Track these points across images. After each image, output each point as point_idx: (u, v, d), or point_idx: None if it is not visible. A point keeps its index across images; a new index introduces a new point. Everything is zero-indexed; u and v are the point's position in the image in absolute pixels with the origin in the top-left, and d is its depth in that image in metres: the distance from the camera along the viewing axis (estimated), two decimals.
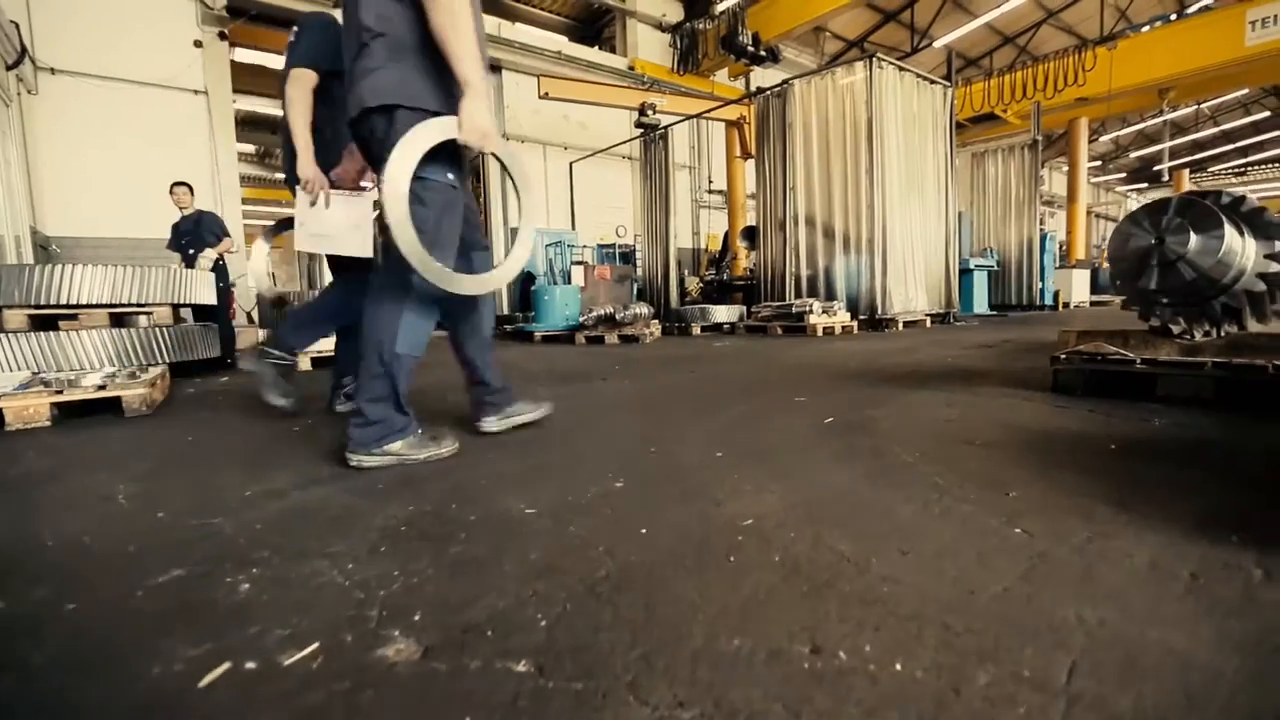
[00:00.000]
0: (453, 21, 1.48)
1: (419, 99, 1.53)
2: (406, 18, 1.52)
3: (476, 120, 1.52)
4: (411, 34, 1.53)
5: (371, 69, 1.53)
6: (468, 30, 1.50)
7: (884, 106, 6.81)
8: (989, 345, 4.42)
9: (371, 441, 1.64)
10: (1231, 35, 10.27)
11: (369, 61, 1.54)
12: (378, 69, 1.53)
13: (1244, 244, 1.98)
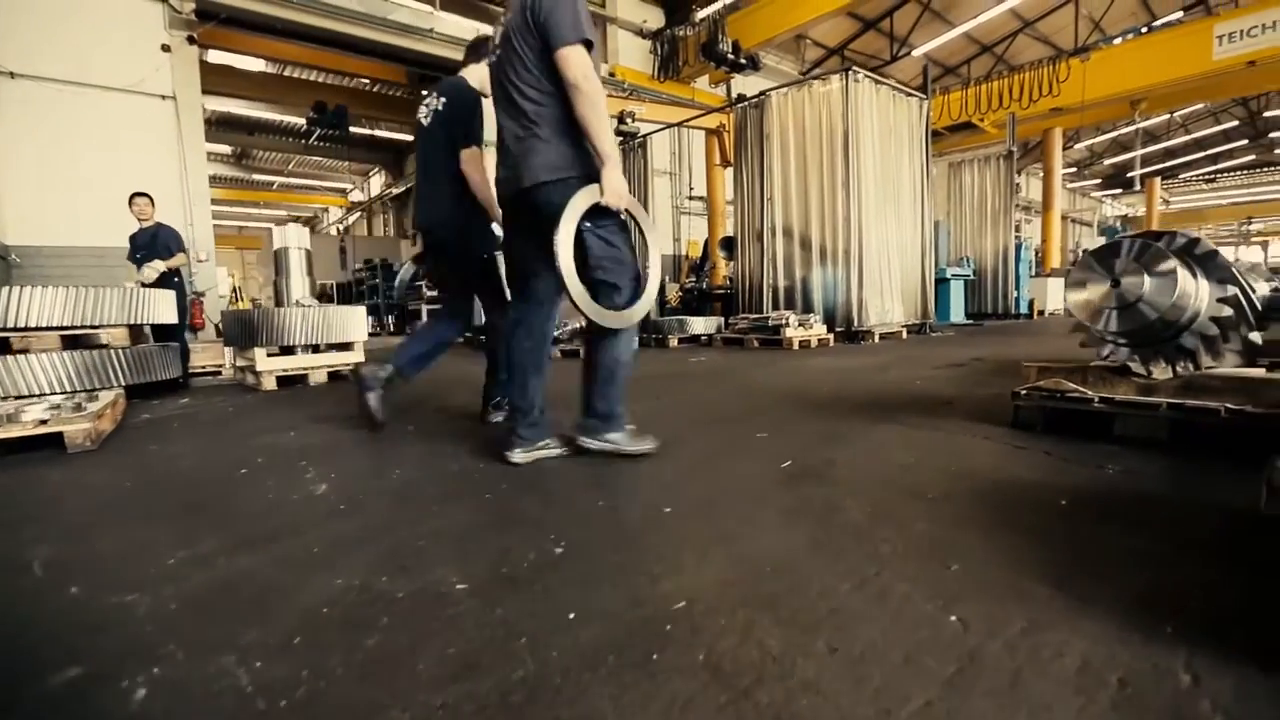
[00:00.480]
0: (594, 111, 1.87)
1: (574, 168, 1.93)
2: (557, 105, 1.92)
3: (614, 186, 1.90)
4: (562, 117, 1.92)
5: (538, 149, 1.93)
6: (605, 115, 1.91)
7: (860, 118, 6.84)
8: (959, 364, 4.44)
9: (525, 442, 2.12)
10: (1199, 49, 10.46)
11: (534, 143, 1.94)
12: (543, 149, 1.93)
13: (1197, 286, 1.99)
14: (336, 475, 2.06)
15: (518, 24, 1.92)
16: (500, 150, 2.08)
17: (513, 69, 1.95)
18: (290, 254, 4.94)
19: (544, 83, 1.92)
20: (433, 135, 2.66)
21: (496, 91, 2.06)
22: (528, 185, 1.94)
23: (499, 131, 2.08)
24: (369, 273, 15.74)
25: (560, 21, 1.84)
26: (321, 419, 3.20)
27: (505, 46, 1.98)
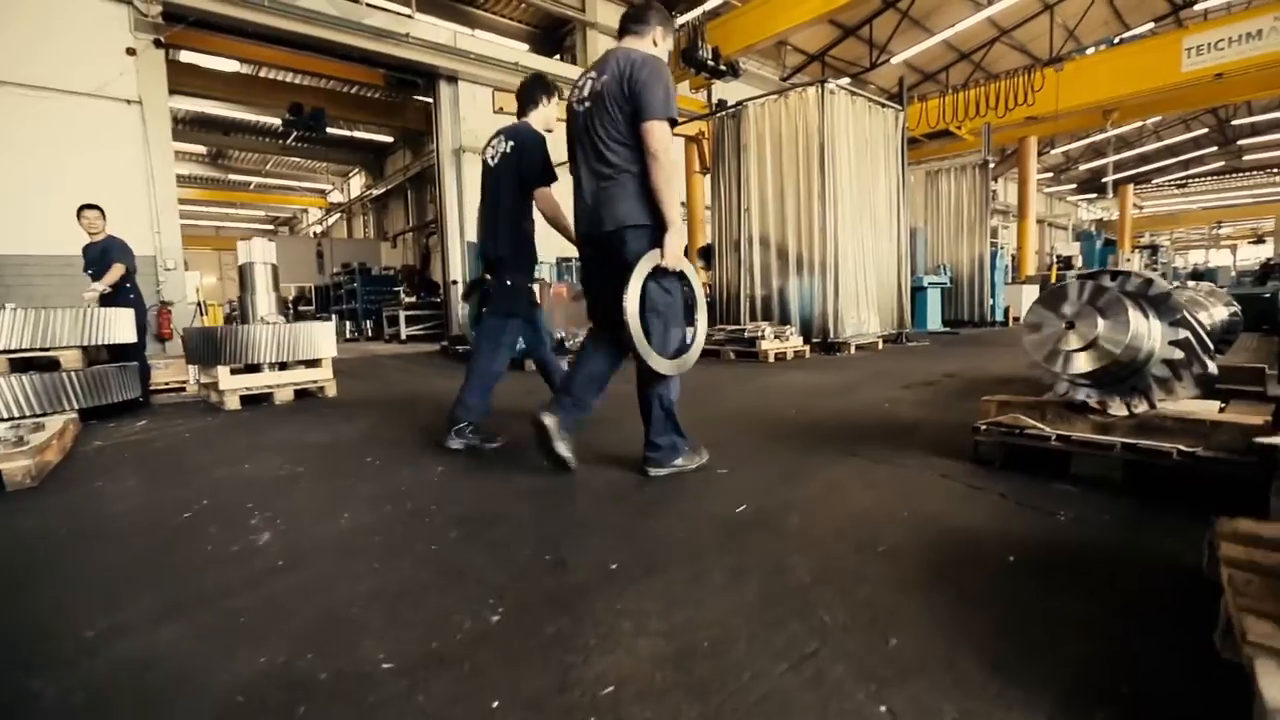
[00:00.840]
0: (667, 182, 2.16)
1: (648, 219, 2.20)
2: (637, 165, 2.18)
3: (673, 250, 2.18)
4: (641, 176, 2.19)
5: (618, 198, 2.20)
6: (676, 185, 2.19)
7: (836, 129, 6.86)
8: (929, 382, 4.46)
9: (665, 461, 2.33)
10: (1169, 61, 10.65)
11: (616, 192, 2.21)
12: (623, 199, 2.20)
13: (1149, 326, 2.00)
14: (283, 520, 2.00)
15: (614, 90, 2.16)
16: (577, 189, 2.37)
17: (602, 126, 2.20)
18: (255, 269, 4.81)
19: (629, 144, 2.19)
20: (502, 176, 2.92)
21: (583, 139, 2.29)
22: (609, 229, 2.22)
23: (579, 171, 2.36)
24: (347, 276, 15.53)
25: (652, 98, 2.11)
26: (280, 446, 3.13)
27: (597, 104, 2.21)
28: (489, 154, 3.00)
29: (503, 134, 2.97)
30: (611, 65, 2.20)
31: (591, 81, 2.26)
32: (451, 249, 10.51)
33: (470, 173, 10.57)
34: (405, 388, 5.49)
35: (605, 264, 2.29)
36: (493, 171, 2.96)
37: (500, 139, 2.96)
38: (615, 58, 2.22)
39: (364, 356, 9.06)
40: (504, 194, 2.93)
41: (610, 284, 2.23)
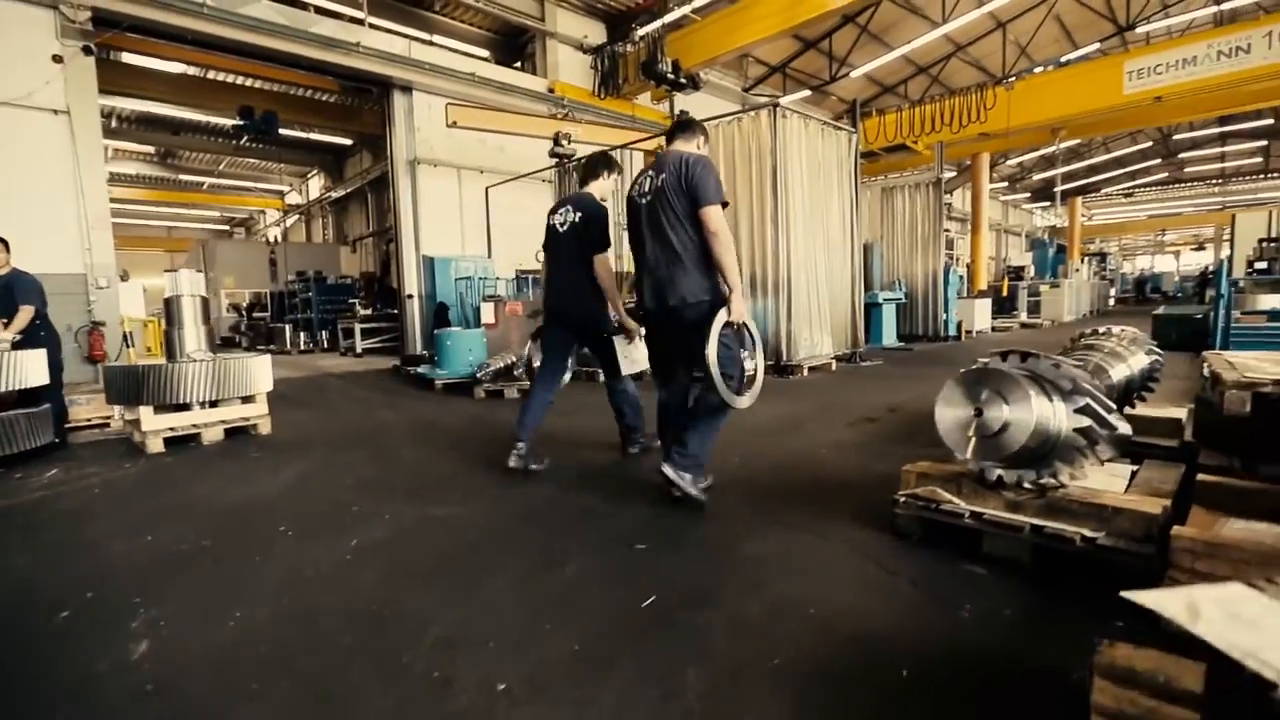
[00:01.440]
0: (727, 254, 2.56)
1: (708, 294, 2.62)
2: (697, 247, 2.61)
3: (738, 308, 2.56)
4: (700, 255, 2.61)
5: (682, 276, 2.62)
6: (734, 255, 2.60)
7: (788, 152, 6.89)
8: (873, 419, 4.49)
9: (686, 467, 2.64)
10: (1112, 84, 11.01)
11: (679, 271, 2.63)
12: (685, 277, 2.62)
13: (1054, 407, 2.01)
14: (168, 622, 1.88)
15: (674, 185, 2.62)
16: (640, 265, 2.81)
17: (665, 215, 2.64)
18: (183, 302, 4.60)
19: (690, 229, 2.61)
20: (567, 240, 3.36)
21: (649, 223, 2.72)
22: (674, 304, 2.65)
23: (642, 250, 2.79)
24: (302, 285, 15.08)
25: (707, 189, 2.57)
26: (191, 508, 2.98)
27: (659, 197, 2.67)
28: (557, 220, 3.43)
29: (570, 204, 3.41)
30: (669, 165, 2.67)
31: (651, 179, 2.74)
32: (407, 263, 10.27)
33: (426, 184, 10.37)
34: (346, 421, 5.32)
35: (671, 330, 2.75)
36: (560, 236, 3.40)
37: (568, 208, 3.38)
38: (671, 160, 2.69)
39: (312, 376, 8.80)
40: (570, 256, 3.38)
41: (675, 346, 2.80)
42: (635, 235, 2.83)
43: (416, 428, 4.85)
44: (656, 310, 2.74)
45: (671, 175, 2.63)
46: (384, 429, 4.84)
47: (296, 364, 10.97)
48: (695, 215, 2.58)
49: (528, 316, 9.02)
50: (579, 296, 3.37)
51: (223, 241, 21.92)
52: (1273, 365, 2.90)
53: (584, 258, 3.30)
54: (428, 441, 4.37)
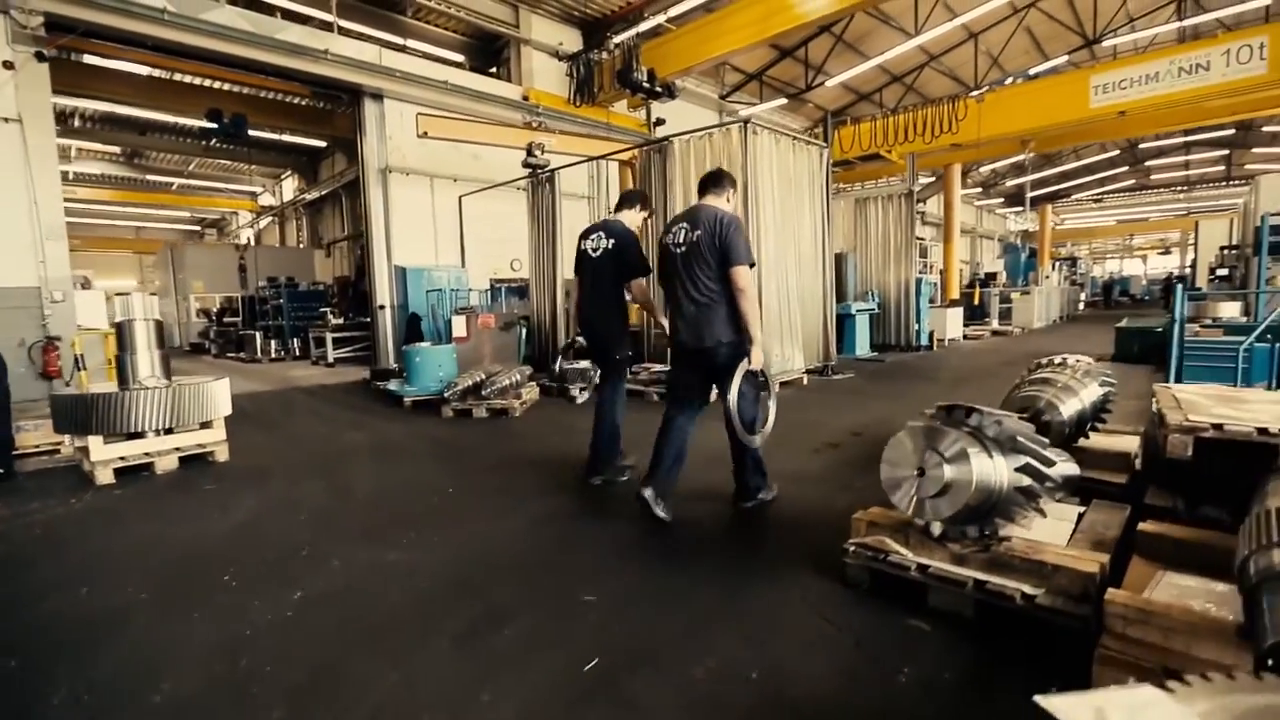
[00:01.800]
0: (751, 308, 2.86)
1: (735, 335, 2.91)
2: (724, 296, 2.90)
3: (756, 358, 2.88)
4: (727, 304, 2.90)
5: (712, 320, 2.92)
6: (757, 310, 2.90)
7: (759, 167, 6.89)
8: (836, 444, 4.52)
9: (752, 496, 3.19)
10: (1079, 98, 11.23)
11: (710, 315, 2.93)
12: (715, 321, 2.92)
13: (995, 464, 2.03)
14: (92, 696, 1.81)
15: (707, 241, 2.90)
16: (673, 306, 3.12)
17: (699, 266, 2.93)
18: (135, 327, 4.48)
19: (719, 282, 2.91)
20: (602, 265, 3.58)
21: (681, 272, 3.00)
22: (708, 344, 2.95)
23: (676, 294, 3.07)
24: (273, 291, 14.80)
25: (738, 250, 2.87)
26: (134, 552, 2.89)
27: (693, 250, 2.94)
28: (589, 245, 3.65)
29: (601, 230, 3.64)
30: (704, 222, 2.94)
31: (685, 231, 3.02)
32: (379, 272, 10.12)
33: (398, 192, 10.23)
34: (308, 445, 5.22)
35: (699, 365, 3.07)
36: (593, 261, 3.61)
37: (600, 235, 3.62)
38: (705, 216, 2.96)
39: (280, 390, 8.63)
40: (604, 281, 3.60)
41: (698, 378, 3.14)
42: (666, 277, 3.13)
43: (380, 453, 4.77)
44: (689, 347, 3.06)
45: (706, 233, 2.91)
46: (346, 454, 4.75)
47: (266, 375, 10.76)
48: (725, 271, 2.87)
49: (500, 329, 8.97)
50: (607, 316, 3.68)
51: (191, 245, 21.42)
52: (1218, 404, 2.96)
53: (617, 281, 3.58)
54: (389, 469, 4.30)
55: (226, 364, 13.45)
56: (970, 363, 9.30)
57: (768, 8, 9.57)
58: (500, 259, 11.61)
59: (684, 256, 2.99)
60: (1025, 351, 10.37)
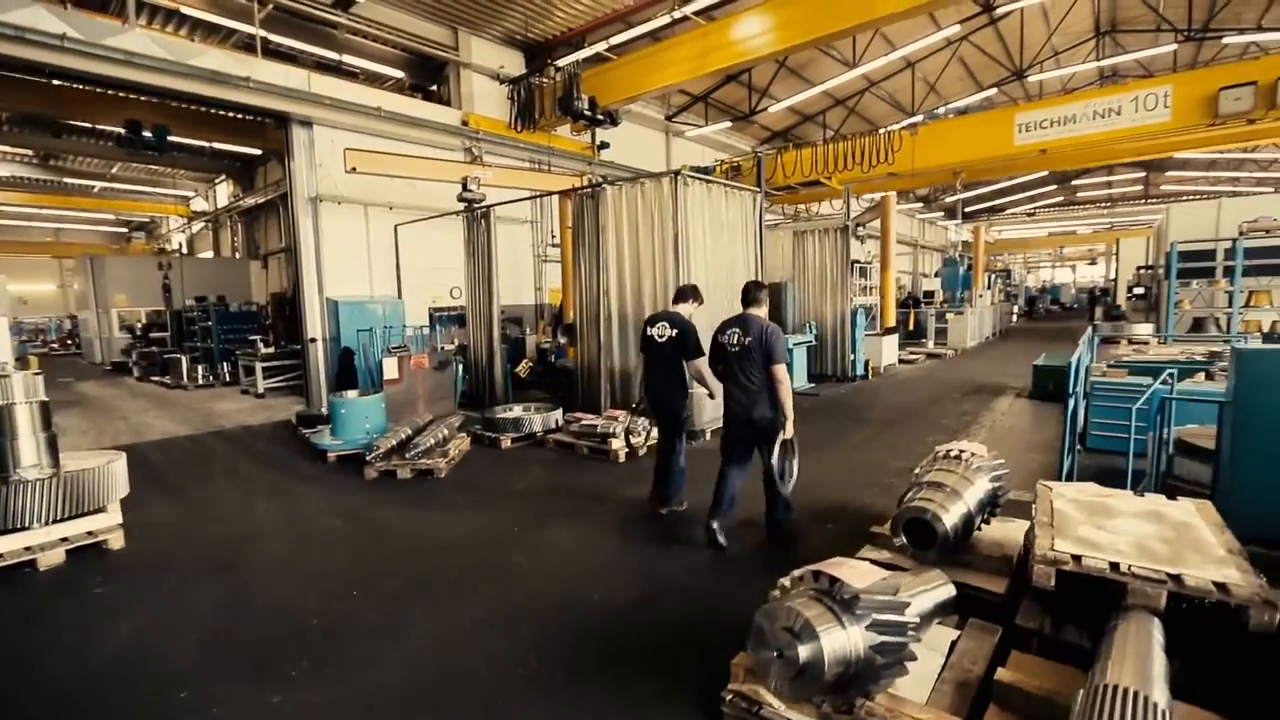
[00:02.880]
0: (786, 394, 3.86)
1: (774, 413, 3.92)
2: (768, 384, 3.90)
3: (789, 431, 3.87)
4: (769, 389, 3.91)
5: (759, 402, 3.93)
6: (791, 395, 3.89)
7: (691, 216, 6.95)
8: (756, 523, 4.59)
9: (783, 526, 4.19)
10: (1004, 135, 11.70)
11: (758, 400, 3.94)
12: (761, 402, 3.93)
13: (848, 632, 2.10)
14: None
15: (755, 345, 3.94)
16: (727, 389, 4.16)
17: (749, 362, 3.97)
18: (16, 412, 4.20)
19: (762, 373, 3.94)
20: (667, 349, 4.60)
21: (735, 364, 4.03)
22: (755, 418, 3.99)
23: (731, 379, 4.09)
24: (201, 312, 14.13)
25: (778, 352, 3.91)
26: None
27: (745, 350, 3.98)
28: (655, 332, 4.67)
29: (665, 320, 4.66)
30: (753, 330, 3.99)
31: (738, 335, 4.04)
32: (310, 305, 9.77)
33: (330, 221, 9.89)
34: (218, 519, 5.00)
35: (746, 431, 4.09)
36: (659, 345, 4.65)
37: (665, 324, 4.64)
38: (753, 325, 4.02)
39: (201, 431, 8.26)
40: (669, 361, 4.63)
41: (746, 442, 4.14)
42: (721, 365, 4.19)
43: (291, 533, 4.62)
44: (739, 419, 4.10)
45: (755, 339, 3.96)
46: (254, 537, 4.57)
47: (190, 407, 10.29)
48: (768, 367, 3.91)
49: (434, 368, 8.80)
50: (671, 390, 4.70)
51: (112, 258, 20.15)
52: (1088, 518, 3.14)
53: (678, 361, 4.60)
54: (296, 559, 4.16)
55: (149, 390, 12.79)
56: (900, 397, 9.59)
57: (705, 44, 9.65)
58: (439, 286, 11.39)
59: (738, 355, 4.02)
60: (956, 380, 10.80)
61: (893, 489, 5.11)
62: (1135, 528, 3.00)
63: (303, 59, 12.34)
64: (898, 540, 3.32)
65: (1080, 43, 16.48)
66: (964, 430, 7.17)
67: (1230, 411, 4.08)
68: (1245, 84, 9.70)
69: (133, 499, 4.66)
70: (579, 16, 11.38)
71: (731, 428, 4.19)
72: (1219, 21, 14.22)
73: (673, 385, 4.67)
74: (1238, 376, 4.00)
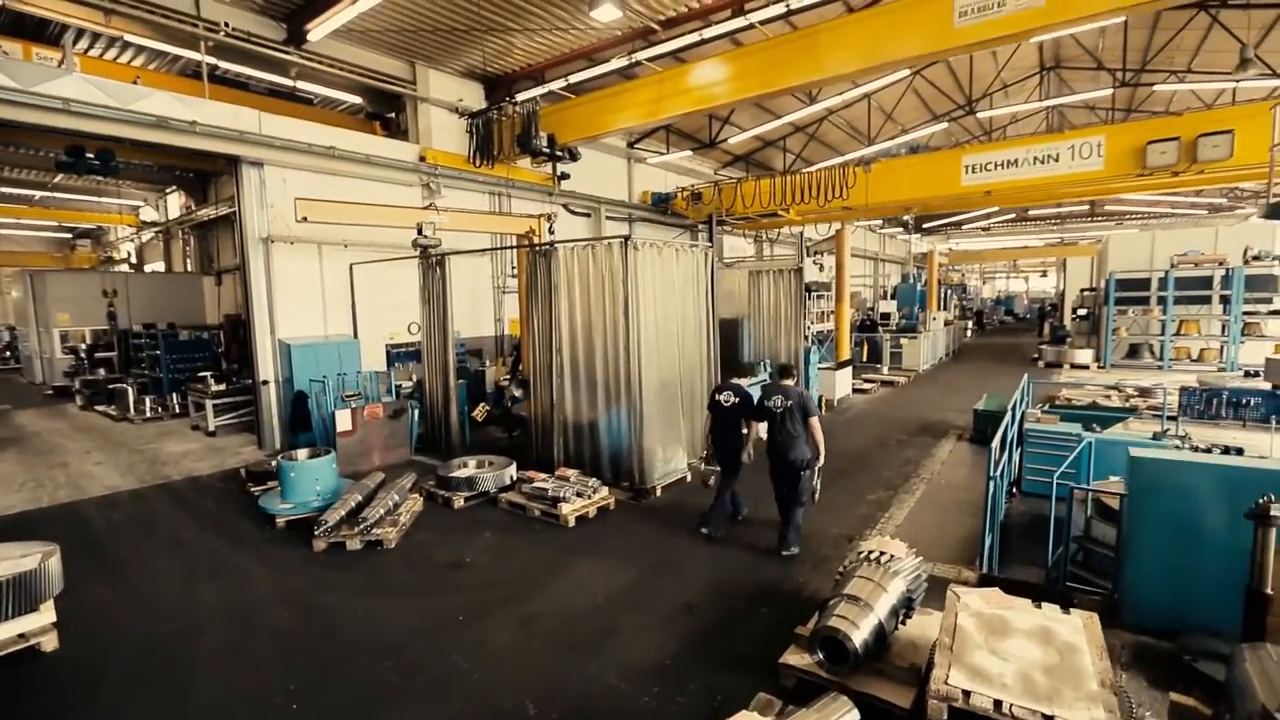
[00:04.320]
0: (819, 437, 5.61)
1: (810, 455, 5.60)
2: (805, 434, 5.57)
3: (818, 466, 5.76)
4: (807, 437, 5.58)
5: (799, 448, 5.54)
6: (822, 440, 5.64)
7: (641, 277, 7.07)
8: (693, 606, 4.75)
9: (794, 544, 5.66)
10: (952, 175, 12.17)
11: (798, 444, 5.55)
12: (801, 448, 5.54)
13: None
14: None
15: (795, 406, 5.55)
16: (772, 438, 5.69)
17: (791, 419, 5.54)
18: None
19: (801, 426, 5.53)
20: (733, 411, 6.08)
21: (781, 422, 5.58)
22: (794, 460, 5.51)
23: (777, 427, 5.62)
24: (149, 339, 13.75)
25: (811, 408, 5.63)
26: None
27: (789, 411, 5.55)
28: (723, 398, 6.16)
29: (731, 390, 6.22)
30: (792, 396, 5.60)
31: (781, 399, 5.61)
32: (261, 348, 9.63)
33: (282, 262, 9.74)
34: (166, 608, 4.92)
35: (787, 469, 5.59)
36: (724, 409, 6.13)
37: (730, 393, 6.17)
38: (792, 392, 5.64)
39: (145, 485, 8.08)
40: (733, 421, 6.12)
41: (786, 477, 5.64)
42: (767, 420, 5.74)
43: (235, 629, 4.59)
44: (783, 460, 5.62)
45: (795, 402, 5.60)
46: (196, 633, 4.55)
47: (136, 448, 10.05)
48: (806, 420, 5.57)
49: (389, 417, 8.79)
50: (733, 441, 6.11)
51: (55, 275, 19.33)
52: (987, 639, 3.39)
53: (739, 422, 6.10)
54: (240, 664, 4.16)
55: (94, 423, 12.42)
56: (848, 439, 9.85)
57: (661, 90, 9.79)
58: (397, 323, 11.32)
59: (781, 415, 5.61)
60: (903, 419, 11.16)
61: (828, 564, 5.35)
62: (1025, 652, 3.26)
63: (255, 86, 12.10)
64: (814, 657, 3.53)
65: (1027, 77, 17.13)
66: (904, 484, 7.48)
67: (1127, 508, 4.41)
68: (1170, 139, 10.27)
69: (70, 578, 4.60)
70: (538, 54, 11.41)
71: (775, 464, 5.75)
72: (1156, 64, 14.95)
73: (734, 439, 6.13)
74: (1132, 479, 4.32)
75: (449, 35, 10.46)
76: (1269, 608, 3.36)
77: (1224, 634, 3.74)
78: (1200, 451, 7.14)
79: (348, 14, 8.64)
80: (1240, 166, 10.08)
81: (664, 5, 9.69)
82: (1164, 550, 4.17)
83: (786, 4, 8.65)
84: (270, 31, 9.77)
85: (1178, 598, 4.10)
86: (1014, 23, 6.90)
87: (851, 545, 5.75)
